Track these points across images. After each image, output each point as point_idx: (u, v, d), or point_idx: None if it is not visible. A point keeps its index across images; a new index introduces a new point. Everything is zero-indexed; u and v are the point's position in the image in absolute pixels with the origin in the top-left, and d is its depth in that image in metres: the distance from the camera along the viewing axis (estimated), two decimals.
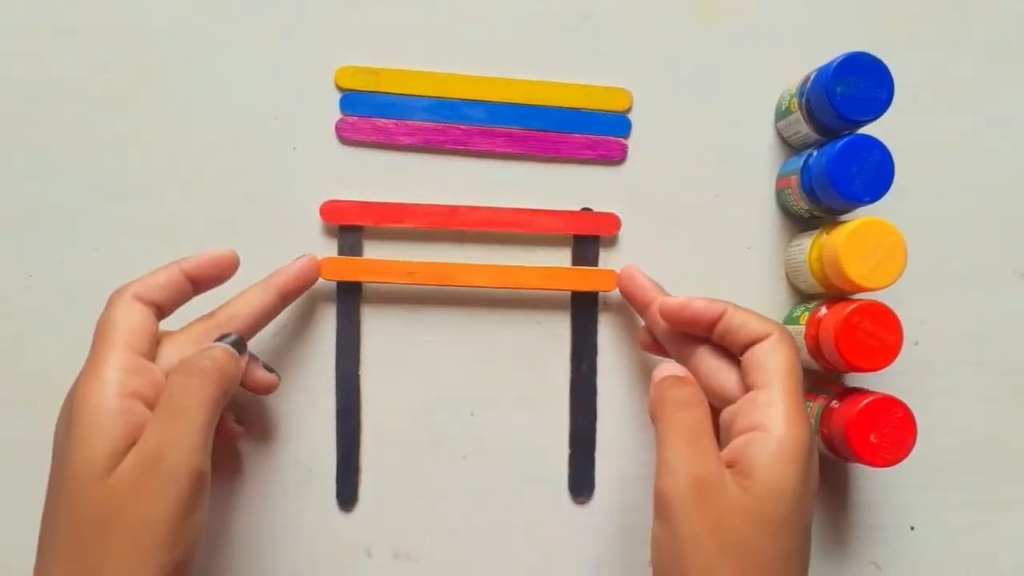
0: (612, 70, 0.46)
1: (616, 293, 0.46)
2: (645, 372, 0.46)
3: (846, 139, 0.40)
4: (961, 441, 0.47)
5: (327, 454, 0.45)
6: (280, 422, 0.45)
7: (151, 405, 0.35)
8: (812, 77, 0.42)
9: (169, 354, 0.37)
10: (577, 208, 0.46)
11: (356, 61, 0.45)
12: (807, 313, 0.43)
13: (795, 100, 0.43)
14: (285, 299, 0.41)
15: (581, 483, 0.46)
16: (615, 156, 0.46)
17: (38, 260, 0.44)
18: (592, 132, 0.46)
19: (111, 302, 0.37)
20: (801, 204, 0.43)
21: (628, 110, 0.46)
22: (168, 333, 0.38)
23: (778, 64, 0.46)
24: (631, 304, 0.44)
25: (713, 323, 0.39)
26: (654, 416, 0.37)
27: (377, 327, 0.45)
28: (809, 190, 0.42)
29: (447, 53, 0.45)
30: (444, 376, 0.45)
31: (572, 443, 0.46)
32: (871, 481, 0.46)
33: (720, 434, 0.37)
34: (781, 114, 0.45)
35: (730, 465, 0.35)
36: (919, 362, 0.46)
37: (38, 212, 0.44)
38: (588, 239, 0.46)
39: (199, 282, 0.39)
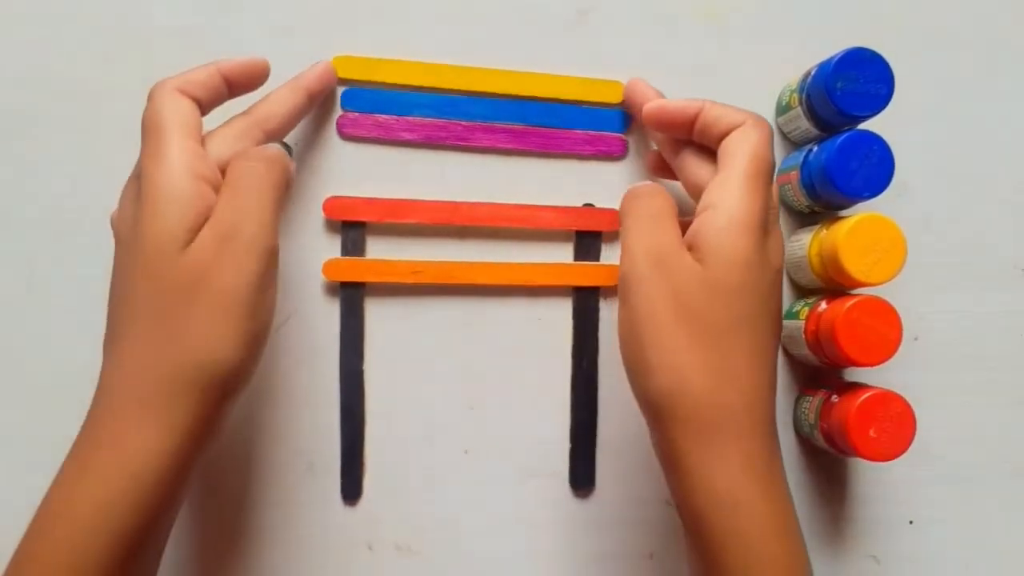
0: (612, 65, 0.46)
1: (615, 288, 0.46)
2: None
3: (846, 135, 0.40)
4: (960, 435, 0.47)
5: (331, 448, 0.45)
6: (284, 416, 0.45)
7: (216, 189, 0.35)
8: (812, 72, 0.42)
9: (216, 148, 0.37)
10: (579, 204, 0.46)
11: (357, 56, 0.45)
12: (807, 308, 0.43)
13: (795, 95, 0.43)
14: (312, 99, 0.42)
15: (582, 477, 0.46)
16: (616, 152, 0.46)
17: (38, 260, 0.44)
18: (593, 128, 0.46)
19: (153, 96, 0.36)
20: (801, 199, 0.44)
21: (622, 103, 0.46)
22: (209, 131, 0.38)
23: (778, 59, 0.46)
24: (632, 110, 0.44)
25: (691, 121, 0.39)
26: (620, 215, 0.39)
27: (380, 322, 0.45)
28: (809, 185, 0.42)
29: (447, 48, 0.45)
30: (446, 370, 0.45)
31: (573, 437, 0.46)
32: (870, 475, 0.47)
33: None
34: (781, 109, 0.45)
35: (690, 248, 0.36)
36: (918, 357, 0.46)
37: (38, 212, 0.44)
38: (590, 235, 0.46)
39: (234, 84, 0.39)
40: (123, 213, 0.36)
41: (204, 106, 0.38)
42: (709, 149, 0.39)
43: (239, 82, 0.39)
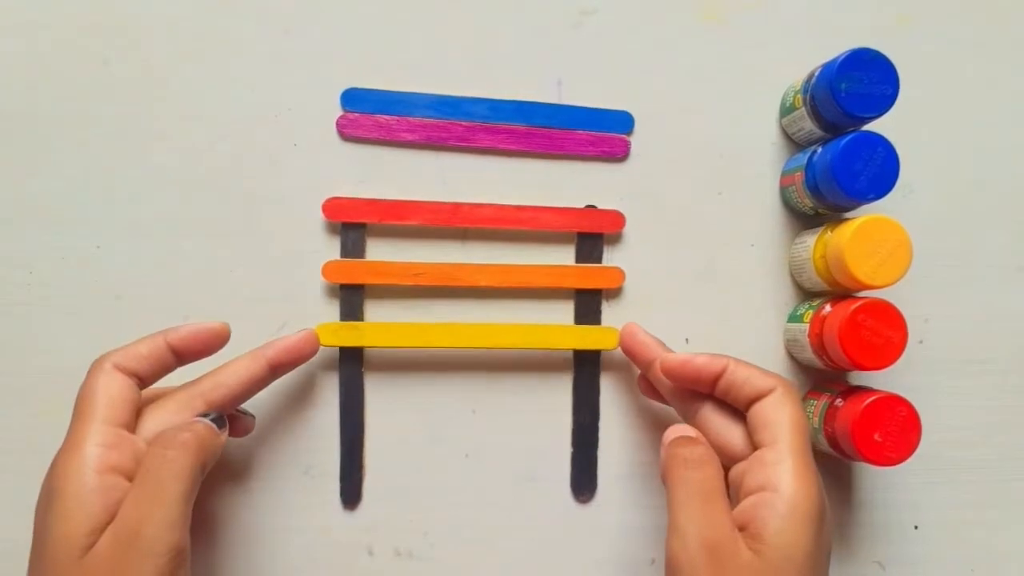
0: (615, 66, 0.46)
1: (619, 290, 0.45)
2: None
3: (851, 136, 0.39)
4: (966, 439, 0.46)
5: (330, 452, 0.45)
6: (283, 420, 0.45)
7: (132, 478, 0.34)
8: (817, 73, 0.42)
9: (152, 423, 0.37)
10: (581, 205, 0.45)
11: (356, 56, 0.45)
12: (811, 311, 0.43)
13: (800, 96, 0.43)
14: (275, 372, 0.40)
15: (583, 482, 0.45)
16: (618, 153, 0.46)
17: (38, 260, 0.44)
18: (595, 129, 0.46)
19: (91, 372, 0.36)
20: (805, 201, 0.43)
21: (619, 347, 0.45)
22: (151, 401, 0.38)
23: (782, 60, 0.46)
24: (634, 362, 0.43)
25: (715, 379, 0.38)
26: (665, 476, 0.37)
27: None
28: (813, 187, 0.42)
29: (448, 46, 0.45)
30: (446, 374, 0.45)
31: (574, 442, 0.46)
32: (875, 480, 0.46)
33: (729, 494, 0.36)
34: (785, 110, 0.45)
35: (740, 528, 0.34)
36: (924, 360, 0.46)
37: (38, 212, 0.44)
38: (592, 236, 0.46)
39: (184, 355, 0.39)
40: (38, 506, 0.35)
41: (147, 379, 0.37)
42: (727, 404, 0.39)
43: (190, 351, 0.38)
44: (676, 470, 0.36)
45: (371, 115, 0.45)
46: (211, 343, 0.39)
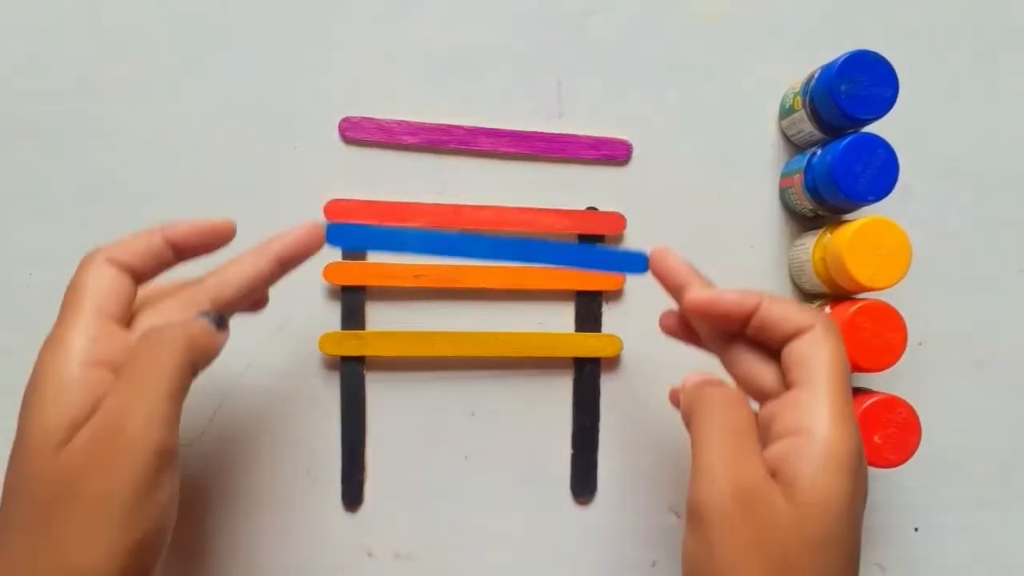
0: (615, 68, 0.46)
1: (619, 291, 0.46)
2: (647, 373, 0.46)
3: (850, 138, 0.40)
4: (965, 442, 0.46)
5: (332, 455, 0.45)
6: (284, 422, 0.45)
7: None
8: (816, 75, 0.42)
9: (150, 321, 0.34)
10: (582, 207, 0.46)
11: (358, 58, 0.45)
12: None
13: (799, 98, 0.43)
14: (283, 267, 0.36)
15: (583, 483, 0.45)
16: (619, 156, 0.46)
17: (38, 260, 0.44)
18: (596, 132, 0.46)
19: (81, 265, 0.34)
20: (805, 203, 0.43)
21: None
22: (150, 299, 0.35)
23: (782, 62, 0.46)
24: (664, 288, 0.38)
25: (748, 317, 0.34)
26: (689, 416, 0.34)
27: (381, 325, 0.45)
28: (813, 189, 0.42)
29: (448, 46, 0.45)
30: (446, 376, 0.45)
31: (574, 444, 0.46)
32: (875, 482, 0.46)
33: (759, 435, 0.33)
34: (785, 112, 0.45)
35: (773, 474, 0.31)
36: (923, 362, 0.46)
37: (38, 212, 0.44)
38: (593, 238, 0.46)
39: (184, 251, 0.35)
40: (22, 400, 0.32)
41: (142, 275, 0.35)
42: (762, 343, 0.35)
43: (191, 247, 0.35)
44: (704, 409, 0.33)
45: (373, 118, 0.45)
46: (214, 239, 0.36)
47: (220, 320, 0.35)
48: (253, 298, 0.37)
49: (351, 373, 0.44)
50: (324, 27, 0.45)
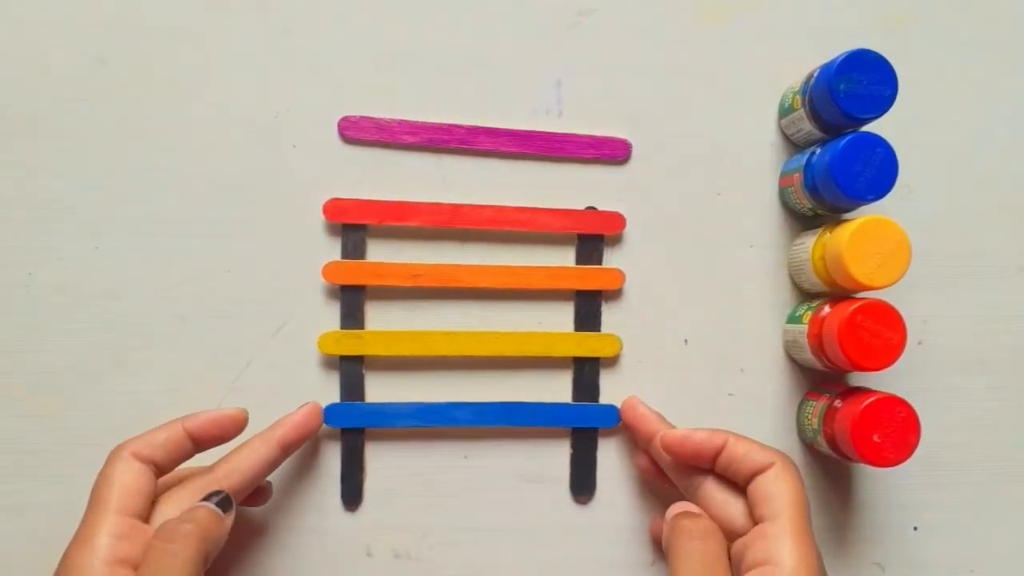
0: (614, 67, 0.46)
1: (619, 291, 0.46)
2: (646, 373, 0.46)
3: (849, 137, 0.39)
4: (964, 441, 0.46)
5: (332, 454, 0.45)
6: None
7: None
8: (815, 74, 0.42)
9: (168, 511, 0.37)
10: (581, 207, 0.46)
11: (358, 55, 0.45)
12: (810, 312, 0.43)
13: (798, 97, 0.43)
14: (286, 451, 0.41)
15: (582, 483, 0.45)
16: (619, 155, 0.46)
17: (38, 260, 0.44)
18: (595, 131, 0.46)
19: (109, 460, 0.37)
20: (804, 202, 0.43)
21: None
22: (167, 488, 0.38)
23: (781, 61, 0.46)
24: (634, 436, 0.44)
25: (715, 455, 0.39)
26: (668, 548, 0.37)
27: (380, 325, 0.45)
28: (812, 188, 0.42)
29: (448, 46, 0.45)
30: (445, 374, 0.45)
31: (573, 442, 0.46)
32: (874, 481, 0.46)
33: (732, 568, 0.37)
34: (784, 111, 0.45)
35: None
36: (922, 361, 0.46)
37: (38, 212, 0.44)
38: (592, 238, 0.46)
39: (202, 441, 0.39)
40: None
41: (164, 467, 0.38)
42: (727, 479, 0.40)
43: (209, 437, 0.39)
44: (680, 542, 0.37)
45: (372, 117, 0.45)
46: (229, 429, 0.40)
47: (226, 502, 0.38)
48: (258, 484, 0.40)
49: (350, 372, 0.44)
50: (324, 26, 0.45)
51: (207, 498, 0.37)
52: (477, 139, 0.45)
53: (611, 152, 0.46)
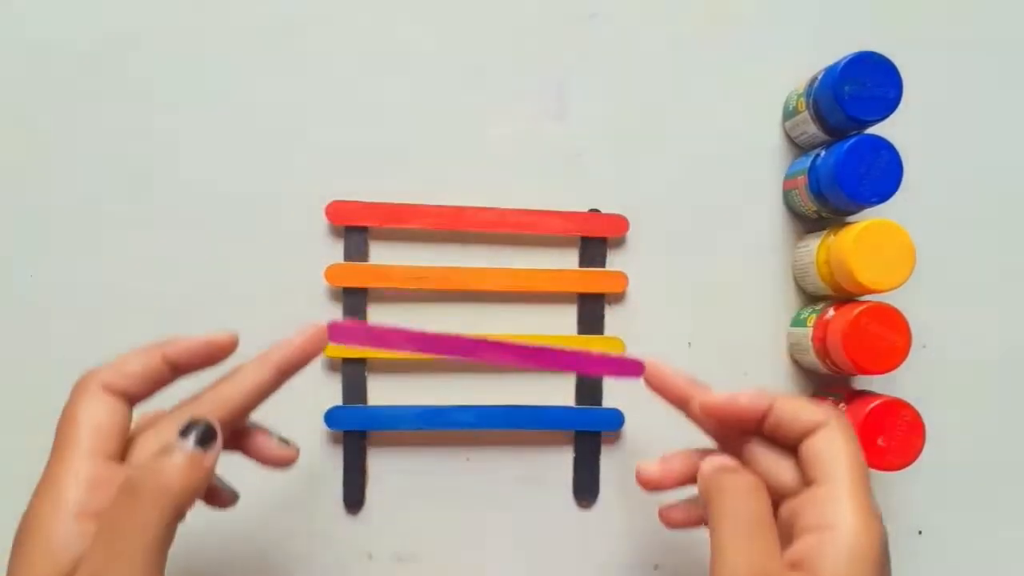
0: (617, 70, 0.46)
1: (622, 294, 0.45)
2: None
3: (854, 139, 0.39)
4: (969, 444, 0.46)
5: (334, 456, 0.44)
6: (286, 423, 0.44)
7: None
8: (820, 77, 0.42)
9: (149, 445, 0.33)
10: (584, 209, 0.45)
11: (359, 55, 0.45)
12: (814, 315, 0.43)
13: (803, 100, 0.43)
14: (284, 375, 0.35)
15: (585, 486, 0.45)
16: (634, 373, 0.45)
17: (38, 260, 0.44)
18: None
19: (76, 393, 0.33)
20: (809, 205, 0.43)
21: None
22: (148, 419, 0.35)
23: (785, 64, 0.46)
24: (665, 400, 0.39)
25: (761, 417, 0.35)
26: (709, 506, 0.34)
27: None
28: (817, 191, 0.42)
29: (449, 46, 0.45)
30: (448, 376, 0.45)
31: (576, 446, 0.45)
32: (878, 485, 0.45)
33: (780, 532, 0.33)
34: (788, 114, 0.45)
35: (793, 567, 0.31)
36: (927, 364, 0.46)
37: (38, 212, 0.44)
38: (596, 240, 0.45)
39: (183, 368, 0.34)
40: (13, 541, 0.31)
41: (138, 398, 0.33)
42: (777, 440, 0.35)
43: (190, 364, 0.34)
44: (723, 498, 0.33)
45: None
46: (214, 355, 0.35)
47: (207, 435, 0.32)
48: (248, 414, 0.36)
49: (353, 375, 0.44)
50: (326, 27, 0.45)
51: (186, 431, 0.32)
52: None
53: (625, 370, 0.41)
